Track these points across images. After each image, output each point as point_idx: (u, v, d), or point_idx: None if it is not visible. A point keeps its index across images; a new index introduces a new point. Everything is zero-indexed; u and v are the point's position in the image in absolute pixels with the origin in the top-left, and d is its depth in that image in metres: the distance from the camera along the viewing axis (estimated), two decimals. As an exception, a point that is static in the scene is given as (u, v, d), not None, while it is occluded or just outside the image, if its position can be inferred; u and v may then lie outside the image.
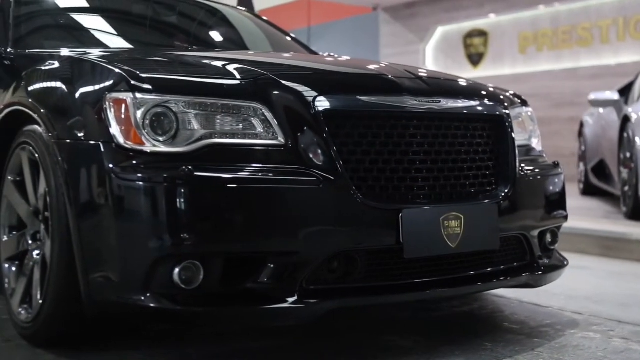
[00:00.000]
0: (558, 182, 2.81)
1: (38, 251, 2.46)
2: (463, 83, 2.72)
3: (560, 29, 11.25)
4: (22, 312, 2.46)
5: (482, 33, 12.40)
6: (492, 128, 2.56)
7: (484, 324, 2.83)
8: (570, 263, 2.93)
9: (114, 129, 2.12)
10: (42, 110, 2.38)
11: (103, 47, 3.20)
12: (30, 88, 2.54)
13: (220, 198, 2.05)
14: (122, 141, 2.11)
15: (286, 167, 2.14)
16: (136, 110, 2.11)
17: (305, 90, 2.24)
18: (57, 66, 2.54)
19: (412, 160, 2.31)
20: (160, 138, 2.11)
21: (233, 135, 2.15)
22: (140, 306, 2.07)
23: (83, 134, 2.20)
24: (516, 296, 3.24)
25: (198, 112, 2.13)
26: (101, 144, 2.13)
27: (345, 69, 2.73)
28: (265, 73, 2.30)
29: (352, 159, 2.21)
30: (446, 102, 2.44)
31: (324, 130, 2.18)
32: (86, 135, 2.20)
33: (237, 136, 2.15)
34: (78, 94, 2.29)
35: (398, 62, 2.91)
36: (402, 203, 2.25)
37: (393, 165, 2.27)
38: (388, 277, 2.26)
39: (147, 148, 2.09)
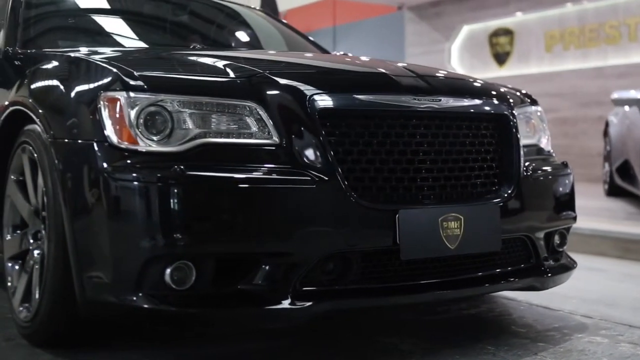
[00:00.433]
0: (566, 183, 2.75)
1: (38, 250, 2.46)
2: (466, 81, 2.67)
3: (587, 27, 11.07)
4: (23, 311, 2.46)
5: (508, 32, 12.25)
6: (495, 127, 2.51)
7: (490, 327, 2.77)
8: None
9: (108, 128, 2.11)
10: (40, 109, 2.38)
11: (113, 48, 3.19)
12: (30, 87, 2.54)
13: (211, 198, 2.03)
14: (116, 140, 2.09)
15: (280, 167, 2.11)
16: (130, 109, 2.10)
17: (300, 88, 2.21)
18: (56, 65, 2.54)
19: (411, 160, 2.27)
20: (154, 137, 2.09)
21: (227, 134, 2.13)
22: (132, 306, 2.06)
23: (78, 133, 2.20)
24: (526, 299, 3.18)
25: (192, 111, 2.11)
26: (95, 144, 2.12)
27: (343, 67, 2.69)
28: (260, 71, 2.28)
29: (348, 159, 2.18)
30: (447, 101, 2.39)
31: (319, 129, 2.15)
32: (81, 134, 2.19)
33: (232, 135, 2.13)
34: (74, 93, 2.29)
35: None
36: (399, 203, 2.21)
37: (391, 165, 2.24)
38: (384, 279, 2.23)
39: (141, 147, 2.08)
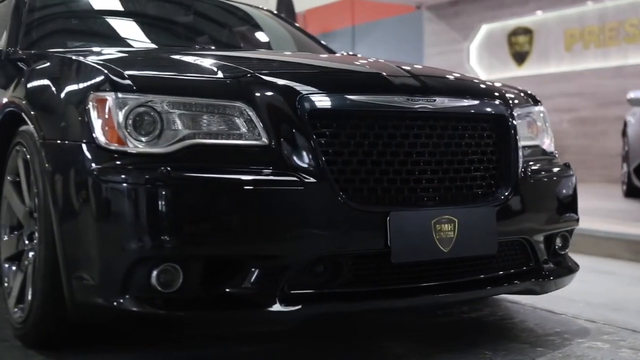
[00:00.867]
0: (568, 184, 2.69)
1: (33, 252, 2.45)
2: (463, 81, 2.62)
3: (607, 26, 10.93)
4: (17, 312, 2.46)
5: (527, 31, 12.13)
6: (492, 128, 2.46)
7: (489, 331, 2.73)
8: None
9: (97, 129, 2.10)
10: (32, 110, 2.38)
11: (116, 48, 3.18)
12: (26, 88, 2.54)
13: (198, 200, 2.01)
14: (104, 142, 2.08)
15: (269, 169, 2.08)
16: (119, 110, 2.08)
17: (290, 88, 2.18)
18: (48, 66, 2.54)
19: (403, 161, 2.23)
20: (143, 138, 2.07)
21: (217, 135, 2.10)
22: (118, 309, 2.04)
23: (67, 134, 2.19)
24: (531, 302, 3.12)
25: (182, 112, 2.09)
26: (83, 145, 2.11)
27: (335, 68, 2.65)
28: (250, 71, 2.25)
29: (339, 160, 2.14)
30: (442, 101, 2.34)
31: (309, 130, 2.12)
32: (70, 135, 2.18)
33: (221, 136, 2.10)
34: (64, 94, 2.28)
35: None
36: (391, 205, 2.18)
37: (383, 166, 2.20)
38: (375, 282, 2.19)
39: (129, 149, 2.06)
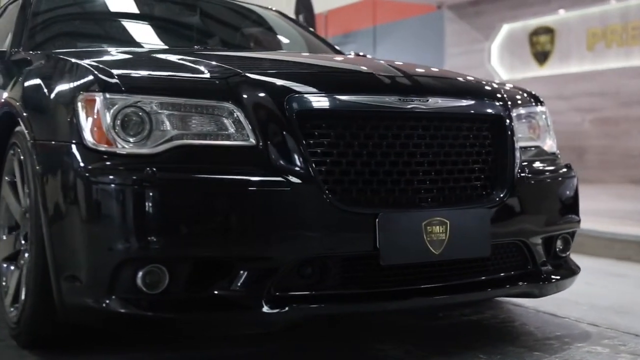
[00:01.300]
0: (569, 185, 2.64)
1: (28, 252, 2.46)
2: (458, 81, 2.57)
3: (630, 25, 10.76)
4: (13, 312, 2.46)
5: (549, 30, 11.99)
6: (488, 129, 2.42)
7: (489, 334, 2.68)
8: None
9: (85, 130, 2.09)
10: (25, 111, 2.39)
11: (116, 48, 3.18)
12: (20, 88, 2.55)
13: (184, 201, 2.00)
14: (92, 142, 2.08)
15: (256, 170, 2.07)
16: (107, 110, 2.07)
17: (278, 89, 2.16)
18: (42, 67, 2.55)
19: (394, 162, 2.20)
20: (131, 139, 2.07)
21: (205, 136, 2.09)
22: (105, 310, 2.03)
23: (56, 135, 2.19)
24: (534, 305, 3.07)
25: (170, 113, 2.09)
26: (72, 145, 2.11)
27: (327, 68, 2.62)
28: (239, 71, 2.23)
29: (327, 161, 2.12)
30: (435, 101, 2.30)
31: (297, 130, 2.10)
32: (59, 135, 2.18)
33: (209, 137, 2.09)
34: (54, 94, 2.28)
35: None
36: (380, 207, 2.14)
37: (372, 167, 2.17)
38: (364, 285, 2.16)
39: (118, 149, 2.06)
